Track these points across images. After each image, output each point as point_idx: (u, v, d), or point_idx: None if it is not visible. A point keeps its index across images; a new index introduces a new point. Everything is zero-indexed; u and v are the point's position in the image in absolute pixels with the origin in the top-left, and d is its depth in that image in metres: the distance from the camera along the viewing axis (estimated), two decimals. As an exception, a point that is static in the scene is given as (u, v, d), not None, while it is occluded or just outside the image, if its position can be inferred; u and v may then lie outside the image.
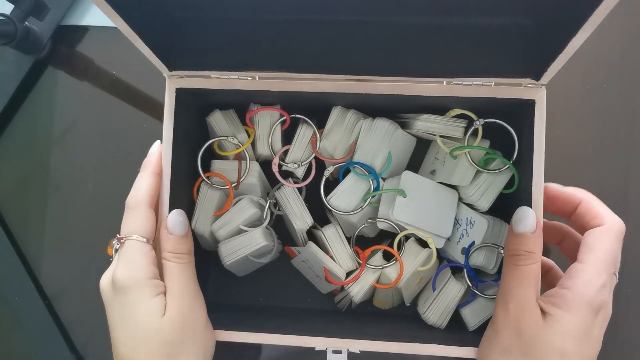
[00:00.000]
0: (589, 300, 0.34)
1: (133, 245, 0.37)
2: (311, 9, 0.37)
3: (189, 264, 0.39)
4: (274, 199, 0.46)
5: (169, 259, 0.38)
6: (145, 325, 0.35)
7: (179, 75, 0.40)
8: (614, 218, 0.37)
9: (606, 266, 0.35)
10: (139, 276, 0.36)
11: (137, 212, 0.38)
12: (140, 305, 0.36)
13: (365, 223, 0.45)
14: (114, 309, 0.36)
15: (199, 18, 0.38)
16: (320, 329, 0.41)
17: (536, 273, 0.36)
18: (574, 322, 0.34)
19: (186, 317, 0.37)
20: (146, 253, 0.37)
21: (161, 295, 0.37)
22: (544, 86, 0.38)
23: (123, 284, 0.36)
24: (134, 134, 0.54)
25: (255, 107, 0.45)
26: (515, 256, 0.36)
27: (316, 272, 0.46)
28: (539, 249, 0.36)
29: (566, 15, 0.32)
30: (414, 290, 0.46)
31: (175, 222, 0.39)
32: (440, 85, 0.39)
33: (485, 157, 0.43)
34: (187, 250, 0.39)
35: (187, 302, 0.38)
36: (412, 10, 0.37)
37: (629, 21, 0.51)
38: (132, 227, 0.37)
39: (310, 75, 0.39)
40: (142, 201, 0.38)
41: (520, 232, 0.36)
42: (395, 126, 0.43)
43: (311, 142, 0.45)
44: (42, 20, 0.55)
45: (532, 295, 0.35)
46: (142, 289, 0.36)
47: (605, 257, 0.35)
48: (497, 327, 0.36)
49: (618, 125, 0.51)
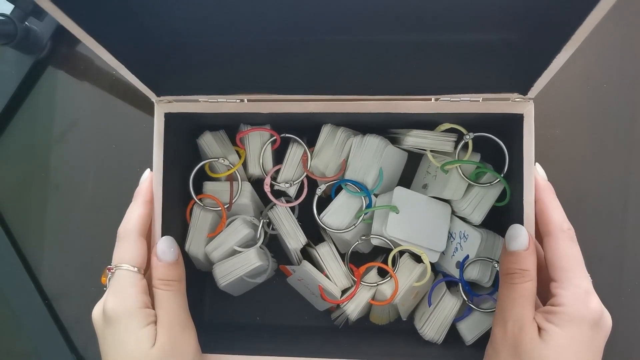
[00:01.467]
0: (583, 315, 0.34)
1: (123, 275, 0.37)
2: (297, 30, 0.37)
3: (179, 292, 0.39)
4: (267, 219, 0.46)
5: (158, 287, 0.38)
6: (135, 355, 0.35)
7: (167, 100, 0.40)
8: (557, 221, 0.36)
9: (577, 273, 0.35)
10: (129, 306, 0.36)
11: (127, 242, 0.38)
12: (130, 334, 0.35)
13: (359, 240, 0.45)
14: (106, 339, 0.36)
15: (185, 43, 0.38)
16: (317, 350, 0.41)
17: (531, 290, 0.35)
18: (572, 338, 0.33)
19: (176, 347, 0.37)
20: (136, 282, 0.37)
21: (151, 325, 0.36)
22: (531, 100, 0.38)
23: (112, 314, 0.36)
24: (134, 134, 0.54)
25: (245, 128, 0.45)
26: (509, 275, 0.36)
27: (312, 290, 0.46)
28: (533, 266, 0.36)
29: (550, 32, 0.32)
30: (410, 305, 0.46)
31: (164, 249, 0.38)
32: (429, 102, 0.39)
33: (476, 170, 0.43)
34: (177, 277, 0.39)
35: (176, 331, 0.37)
36: (399, 29, 0.37)
37: (629, 21, 0.51)
38: (123, 257, 0.37)
39: (299, 96, 0.39)
40: (133, 231, 0.38)
41: (513, 250, 0.36)
42: (386, 142, 0.43)
43: (302, 161, 0.44)
44: (42, 20, 0.55)
45: (528, 313, 0.35)
46: (132, 318, 0.36)
47: (569, 265, 0.35)
48: (496, 346, 0.36)
49: (618, 125, 0.51)
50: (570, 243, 0.36)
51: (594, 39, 0.51)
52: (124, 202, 0.40)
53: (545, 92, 0.36)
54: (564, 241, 0.35)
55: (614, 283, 0.49)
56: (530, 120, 0.38)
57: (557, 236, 0.36)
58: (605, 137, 0.51)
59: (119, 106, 0.55)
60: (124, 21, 0.33)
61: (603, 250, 0.49)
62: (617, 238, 0.49)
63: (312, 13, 0.35)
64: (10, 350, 0.54)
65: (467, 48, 0.37)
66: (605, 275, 0.49)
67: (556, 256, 0.35)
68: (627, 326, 0.48)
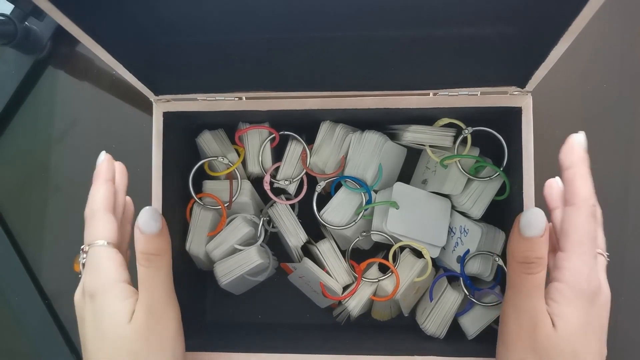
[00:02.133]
0: (581, 289, 0.32)
1: (97, 251, 0.36)
2: (294, 27, 0.37)
3: (162, 268, 0.36)
4: (267, 216, 0.46)
5: (140, 262, 0.35)
6: (111, 332, 0.34)
7: (166, 99, 0.40)
8: (584, 195, 0.34)
9: (587, 249, 0.33)
10: (105, 279, 0.35)
11: (95, 219, 0.37)
12: (106, 310, 0.34)
13: (360, 236, 0.45)
14: (85, 319, 0.35)
15: (183, 42, 0.38)
16: (319, 346, 0.41)
17: (544, 279, 0.34)
18: (577, 316, 0.32)
19: (154, 326, 0.35)
20: (112, 256, 0.36)
21: (130, 300, 0.35)
22: (529, 93, 0.38)
23: (90, 289, 0.35)
24: (134, 134, 0.54)
25: (244, 126, 0.45)
26: (525, 264, 0.33)
27: (313, 287, 0.46)
28: (547, 252, 0.34)
29: (547, 24, 0.32)
30: (411, 300, 0.46)
31: (147, 219, 0.35)
32: (427, 97, 0.39)
33: (476, 165, 0.43)
34: (160, 251, 0.36)
35: (156, 309, 0.35)
36: (395, 24, 0.37)
37: (629, 21, 0.51)
38: (95, 234, 0.36)
39: (297, 93, 0.39)
40: (99, 208, 0.37)
41: (530, 237, 0.33)
42: (385, 138, 0.43)
43: (301, 158, 0.45)
44: (42, 20, 0.55)
45: (543, 305, 0.33)
46: (109, 292, 0.34)
47: (581, 239, 0.33)
48: (507, 342, 0.34)
49: (618, 125, 0.51)
50: (591, 218, 0.33)
51: (593, 39, 0.51)
52: (123, 202, 0.40)
53: (545, 92, 0.36)
54: (585, 215, 0.33)
55: (614, 283, 0.48)
56: (529, 113, 0.38)
57: (580, 208, 0.33)
58: (605, 137, 0.51)
59: (119, 106, 0.55)
60: (121, 20, 0.33)
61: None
62: (617, 238, 0.49)
63: (308, 10, 0.35)
64: (10, 350, 0.54)
65: (464, 42, 0.37)
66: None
67: (572, 227, 0.33)
68: (627, 326, 0.48)
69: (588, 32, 0.31)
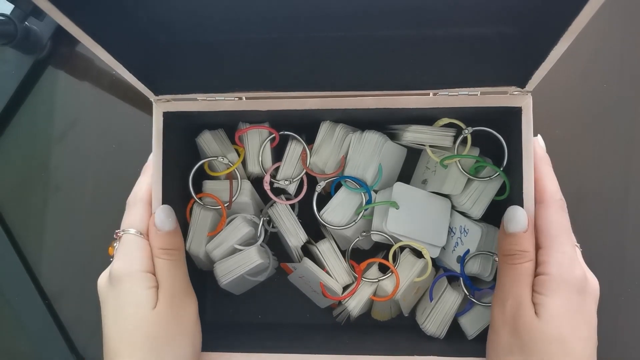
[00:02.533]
0: (567, 280, 0.34)
1: (130, 239, 0.38)
2: (294, 27, 0.38)
3: (180, 261, 0.39)
4: (267, 216, 0.46)
5: (160, 256, 0.38)
6: (135, 316, 0.36)
7: (166, 99, 0.40)
8: (550, 191, 0.37)
9: (564, 240, 0.35)
10: (134, 268, 0.37)
11: (136, 208, 0.39)
12: (131, 296, 0.36)
13: (360, 236, 0.45)
14: (107, 303, 0.37)
15: (182, 41, 0.38)
16: (319, 346, 0.41)
17: (530, 270, 0.36)
18: (562, 305, 0.34)
19: (176, 313, 0.37)
20: (142, 246, 0.38)
21: (154, 289, 0.37)
22: (529, 93, 0.38)
23: (117, 275, 0.36)
24: (134, 134, 0.54)
25: (244, 126, 0.45)
26: (509, 256, 0.36)
27: (313, 287, 0.46)
28: (532, 247, 0.36)
29: (547, 24, 0.32)
30: (411, 300, 0.46)
31: (163, 218, 0.39)
32: (427, 97, 0.39)
33: (476, 165, 0.43)
34: (177, 246, 0.39)
35: (178, 298, 0.38)
36: (395, 24, 0.37)
37: (629, 21, 0.51)
38: (131, 222, 0.39)
39: (297, 93, 0.39)
40: (141, 198, 0.39)
41: (513, 232, 0.37)
42: (385, 138, 0.43)
43: (301, 158, 0.45)
44: (42, 20, 0.55)
45: (527, 293, 0.35)
46: (136, 280, 0.36)
47: (557, 232, 0.36)
48: (495, 328, 0.37)
49: (618, 125, 0.51)
50: (561, 212, 0.37)
51: (593, 39, 0.51)
52: (123, 202, 0.40)
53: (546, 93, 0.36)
54: (555, 209, 0.36)
55: (614, 283, 0.49)
56: (529, 113, 0.38)
57: (549, 204, 0.37)
58: (605, 137, 0.51)
59: (118, 106, 0.55)
60: (121, 20, 0.33)
61: (603, 250, 0.49)
62: (617, 238, 0.49)
63: (308, 10, 0.36)
64: (10, 350, 0.54)
65: (464, 42, 0.37)
66: (605, 275, 0.48)
67: (546, 223, 0.36)
68: (627, 326, 0.48)
69: (588, 32, 0.31)
